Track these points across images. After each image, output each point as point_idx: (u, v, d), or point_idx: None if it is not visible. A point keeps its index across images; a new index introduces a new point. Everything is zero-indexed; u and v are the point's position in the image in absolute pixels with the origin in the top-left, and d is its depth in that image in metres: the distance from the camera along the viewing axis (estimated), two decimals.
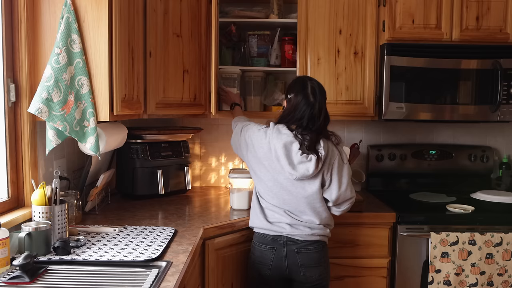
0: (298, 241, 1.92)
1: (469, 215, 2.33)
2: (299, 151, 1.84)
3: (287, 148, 1.85)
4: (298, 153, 1.84)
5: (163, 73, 2.28)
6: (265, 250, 1.96)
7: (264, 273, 1.96)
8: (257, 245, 1.99)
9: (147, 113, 2.25)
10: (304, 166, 1.84)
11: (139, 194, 2.50)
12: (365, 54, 2.57)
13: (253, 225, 2.02)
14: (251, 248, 2.05)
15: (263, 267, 1.96)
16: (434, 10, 2.55)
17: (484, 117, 2.55)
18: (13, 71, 1.78)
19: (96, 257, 1.52)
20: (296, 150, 1.85)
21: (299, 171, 1.84)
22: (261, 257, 1.97)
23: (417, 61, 2.50)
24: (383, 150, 2.87)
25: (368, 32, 2.56)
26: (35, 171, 1.87)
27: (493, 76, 2.50)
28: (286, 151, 1.85)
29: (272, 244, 1.95)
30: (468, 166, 2.88)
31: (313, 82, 1.94)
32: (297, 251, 1.92)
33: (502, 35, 2.56)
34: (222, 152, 2.97)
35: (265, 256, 1.96)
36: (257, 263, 1.99)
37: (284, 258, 1.93)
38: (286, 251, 1.93)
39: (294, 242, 1.92)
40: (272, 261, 1.94)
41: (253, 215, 2.03)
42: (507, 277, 2.24)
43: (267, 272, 1.96)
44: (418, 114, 2.54)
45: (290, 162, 1.84)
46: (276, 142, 1.86)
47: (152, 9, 2.19)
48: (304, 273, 1.93)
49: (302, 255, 1.92)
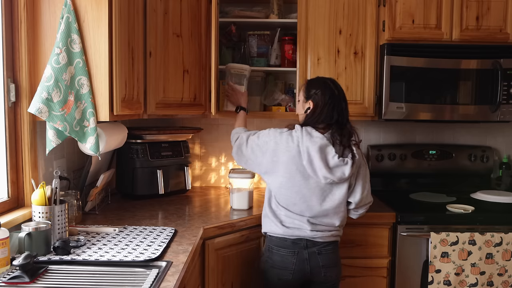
0: (318, 242, 1.91)
1: (469, 215, 2.33)
2: (336, 155, 1.83)
3: (323, 151, 1.83)
4: (335, 156, 1.83)
5: (163, 73, 2.28)
6: (286, 254, 1.92)
7: (286, 277, 1.92)
8: (275, 249, 1.94)
9: (147, 113, 2.25)
10: (340, 169, 1.83)
11: (139, 194, 2.50)
12: (365, 54, 2.57)
13: (269, 230, 1.98)
14: (265, 253, 2.00)
15: (284, 272, 1.92)
16: (434, 10, 2.55)
17: (484, 117, 2.55)
18: (13, 71, 1.78)
19: (96, 257, 1.52)
20: (332, 153, 1.83)
21: (335, 175, 1.83)
22: (282, 262, 1.93)
23: (417, 61, 2.49)
24: (383, 150, 2.87)
25: (368, 32, 2.56)
26: (35, 171, 1.87)
27: (493, 76, 2.50)
28: (322, 154, 1.82)
29: (293, 247, 1.92)
30: (468, 166, 2.88)
31: (331, 80, 1.98)
32: (318, 252, 1.91)
33: (502, 35, 2.56)
34: (222, 152, 2.97)
35: (286, 261, 1.92)
36: (276, 268, 1.94)
37: (307, 260, 1.91)
38: (308, 254, 1.91)
39: (314, 244, 1.91)
40: (294, 265, 1.91)
41: (267, 221, 1.98)
42: (507, 277, 2.24)
43: (289, 276, 1.92)
44: (418, 114, 2.54)
45: (326, 166, 1.82)
46: (310, 145, 1.83)
47: (152, 9, 2.19)
48: (325, 273, 1.92)
49: (323, 256, 1.92)
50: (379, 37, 2.58)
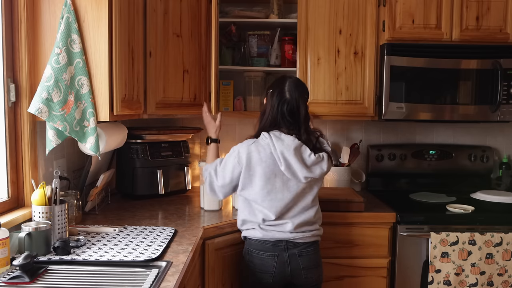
0: (299, 244, 1.90)
1: (469, 215, 2.33)
2: (311, 153, 1.85)
3: (298, 152, 1.83)
4: (311, 154, 1.84)
5: (163, 73, 2.28)
6: (265, 258, 1.90)
7: (266, 281, 1.89)
8: (255, 252, 1.92)
9: (147, 113, 2.25)
10: (319, 166, 1.86)
11: (139, 194, 2.50)
12: (365, 54, 2.57)
13: (248, 235, 1.95)
14: (245, 256, 1.97)
15: (265, 275, 1.89)
16: (434, 10, 2.55)
17: (484, 117, 2.55)
18: (13, 71, 1.78)
19: (96, 257, 1.52)
20: (308, 152, 1.85)
21: (315, 172, 1.85)
22: (262, 265, 1.90)
23: (417, 61, 2.50)
24: (383, 150, 2.87)
25: (368, 32, 2.56)
26: (35, 171, 1.87)
27: (493, 76, 2.50)
28: (298, 155, 1.83)
29: (273, 250, 1.89)
30: (468, 166, 2.88)
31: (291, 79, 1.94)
32: (299, 254, 1.89)
33: (502, 35, 2.56)
34: (222, 152, 2.97)
35: (267, 264, 1.89)
36: (257, 272, 1.91)
37: (287, 263, 1.89)
38: (288, 256, 1.89)
39: (295, 245, 1.90)
40: (275, 268, 1.89)
41: (246, 225, 1.96)
42: (507, 277, 2.24)
43: (269, 280, 1.89)
44: (418, 114, 2.54)
45: (305, 165, 1.83)
46: (284, 149, 1.82)
47: (152, 9, 2.19)
48: (306, 275, 1.90)
49: (303, 258, 1.90)
50: (379, 37, 2.58)
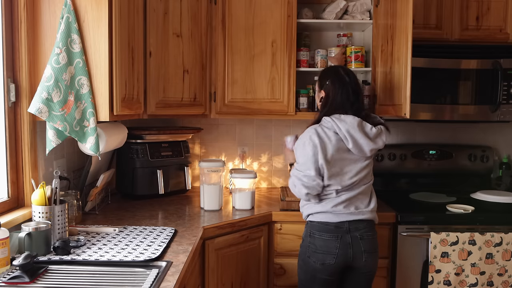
0: (360, 227, 1.93)
1: (469, 215, 2.33)
2: (372, 126, 1.92)
3: (362, 126, 1.91)
4: (372, 128, 1.92)
5: (163, 73, 2.28)
6: (328, 239, 1.92)
7: (329, 262, 1.90)
8: (317, 234, 1.94)
9: (147, 113, 2.25)
10: (380, 138, 1.94)
11: (139, 194, 2.50)
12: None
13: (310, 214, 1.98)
14: (306, 238, 1.98)
15: (328, 256, 1.90)
16: (434, 10, 2.55)
17: (484, 117, 2.55)
18: (13, 71, 1.78)
19: (96, 257, 1.52)
20: (369, 126, 1.92)
21: (378, 144, 1.93)
22: (325, 246, 1.91)
23: (417, 61, 2.49)
24: (383, 150, 2.86)
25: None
26: (35, 171, 1.87)
27: (493, 76, 2.50)
28: (362, 130, 1.90)
29: (336, 232, 1.92)
30: (468, 166, 2.88)
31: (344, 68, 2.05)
32: (360, 237, 1.92)
33: (502, 35, 2.56)
34: (222, 152, 2.97)
35: (330, 245, 1.91)
36: (319, 253, 1.92)
37: (349, 245, 1.91)
38: (350, 238, 1.91)
39: (357, 228, 1.92)
40: (337, 249, 1.91)
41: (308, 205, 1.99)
42: (507, 277, 2.24)
43: (331, 261, 1.90)
44: (418, 114, 2.54)
45: (369, 138, 1.91)
46: (349, 127, 1.89)
47: (152, 9, 2.19)
48: (366, 259, 1.92)
49: (364, 241, 1.93)
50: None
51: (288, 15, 2.52)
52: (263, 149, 2.96)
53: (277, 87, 2.57)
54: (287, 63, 2.55)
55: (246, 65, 2.56)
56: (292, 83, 2.56)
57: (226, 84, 2.57)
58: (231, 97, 2.57)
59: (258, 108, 2.58)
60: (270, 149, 2.96)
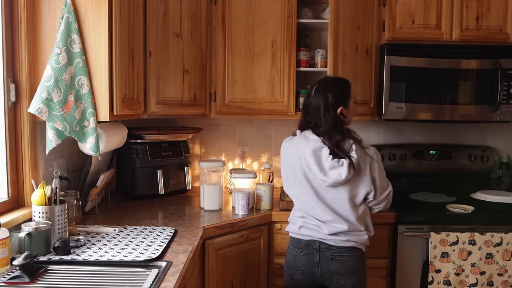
0: (332, 247, 1.85)
1: (469, 215, 2.33)
2: (329, 156, 1.77)
3: (317, 154, 1.78)
4: (328, 158, 1.76)
5: (163, 73, 2.28)
6: (298, 255, 1.91)
7: (296, 277, 1.91)
8: (291, 249, 1.95)
9: (147, 113, 2.25)
10: (336, 171, 1.75)
11: (139, 194, 2.50)
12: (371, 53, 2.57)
13: (288, 229, 1.98)
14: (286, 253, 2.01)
15: (295, 272, 1.91)
16: (434, 10, 2.55)
17: (484, 117, 2.55)
18: (13, 71, 1.78)
19: (96, 257, 1.52)
20: (326, 155, 1.77)
21: (331, 177, 1.76)
22: (294, 262, 1.92)
23: (417, 61, 2.49)
24: (383, 150, 2.86)
25: (374, 31, 2.57)
26: (35, 171, 1.87)
27: (493, 76, 2.50)
28: (316, 158, 1.78)
29: (305, 248, 1.89)
30: (468, 166, 2.88)
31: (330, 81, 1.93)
32: (331, 257, 1.85)
33: (502, 35, 2.56)
34: (222, 152, 2.97)
35: (298, 261, 1.90)
36: (290, 268, 1.93)
37: (317, 263, 1.87)
38: (319, 257, 1.87)
39: (328, 248, 1.85)
40: (304, 265, 1.89)
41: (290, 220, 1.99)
42: (507, 277, 2.24)
43: (298, 277, 1.90)
44: (418, 114, 2.54)
45: (321, 169, 1.77)
46: (305, 149, 1.81)
47: (152, 9, 2.19)
48: (338, 280, 1.84)
49: (336, 262, 1.84)
50: (379, 37, 2.58)
51: (288, 15, 2.52)
52: (263, 149, 2.96)
53: (277, 87, 2.57)
54: (287, 63, 2.55)
55: (246, 65, 2.56)
56: (292, 83, 2.56)
57: (226, 84, 2.57)
58: (231, 97, 2.57)
59: (258, 108, 2.58)
60: (270, 149, 2.96)
